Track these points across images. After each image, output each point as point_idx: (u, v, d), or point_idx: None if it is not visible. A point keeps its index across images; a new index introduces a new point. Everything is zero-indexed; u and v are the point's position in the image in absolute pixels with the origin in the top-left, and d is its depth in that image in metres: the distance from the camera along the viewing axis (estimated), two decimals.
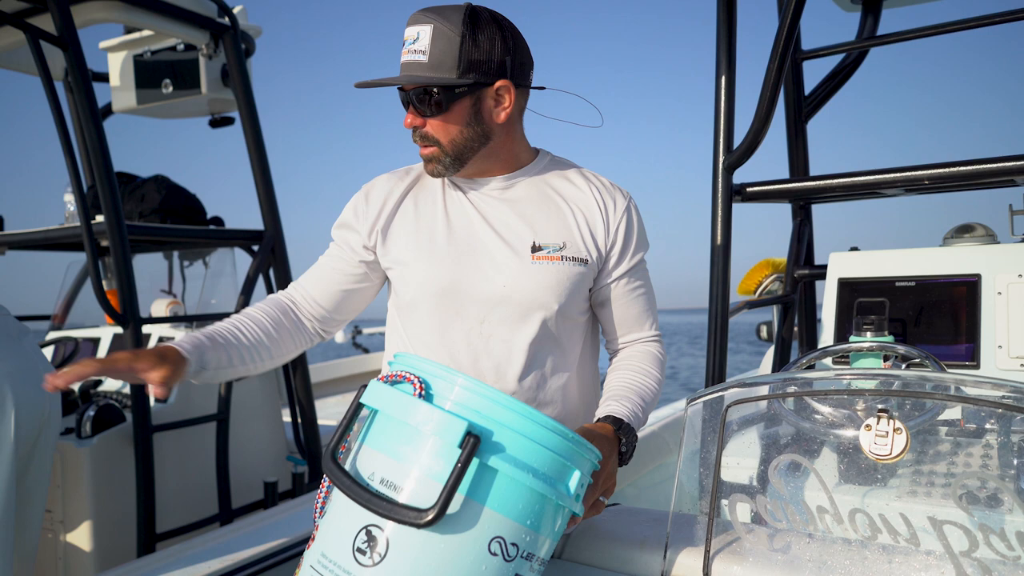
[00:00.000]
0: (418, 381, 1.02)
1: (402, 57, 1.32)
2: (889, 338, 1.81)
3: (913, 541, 1.05)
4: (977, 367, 1.95)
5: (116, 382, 2.97)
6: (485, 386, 1.00)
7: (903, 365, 1.80)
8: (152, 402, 2.79)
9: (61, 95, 3.48)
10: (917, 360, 1.72)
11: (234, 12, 3.18)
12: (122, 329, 2.66)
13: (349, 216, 1.46)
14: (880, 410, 1.09)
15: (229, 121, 3.58)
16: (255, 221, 3.36)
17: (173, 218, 3.28)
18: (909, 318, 2.05)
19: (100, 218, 2.63)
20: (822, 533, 1.11)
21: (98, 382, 3.00)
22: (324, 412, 3.88)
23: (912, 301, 2.06)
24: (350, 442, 1.09)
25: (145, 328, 3.09)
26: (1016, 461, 1.16)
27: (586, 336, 1.46)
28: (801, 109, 2.81)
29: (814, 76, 2.90)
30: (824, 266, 2.41)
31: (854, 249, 2.27)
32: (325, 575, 0.99)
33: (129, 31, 3.40)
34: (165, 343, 1.30)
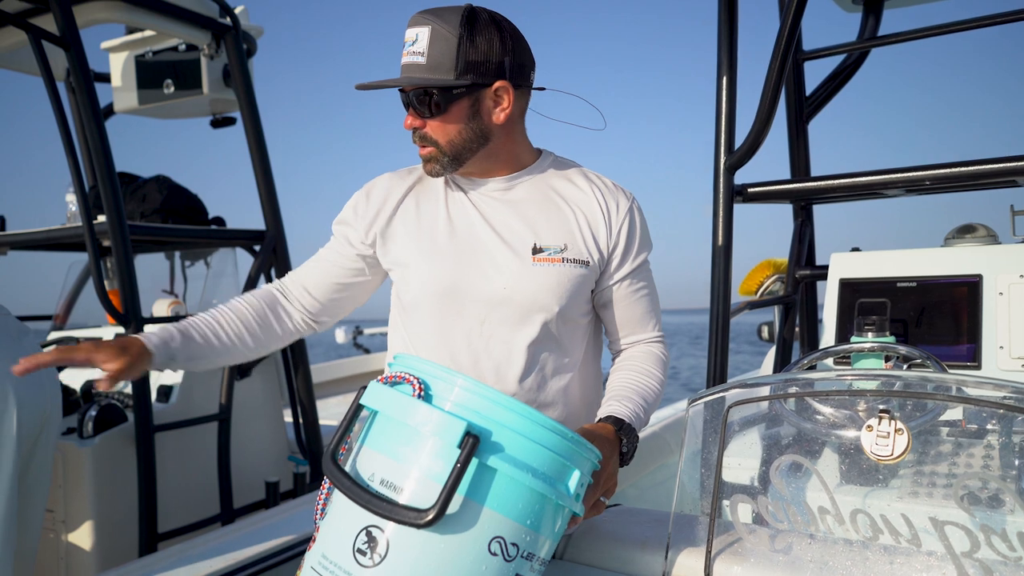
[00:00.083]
0: (417, 382, 1.02)
1: (402, 59, 1.32)
2: (890, 339, 1.81)
3: (915, 542, 1.05)
4: (978, 368, 1.95)
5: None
6: (484, 386, 1.00)
7: (904, 366, 1.80)
8: (154, 401, 2.80)
9: (63, 95, 3.48)
10: (918, 361, 1.72)
11: (236, 12, 3.18)
12: (124, 329, 2.66)
13: (349, 213, 1.47)
14: (881, 411, 1.09)
15: (231, 121, 3.58)
16: (256, 221, 3.37)
17: (175, 218, 3.28)
18: (910, 318, 2.05)
19: (102, 218, 2.63)
20: (823, 534, 1.11)
21: None
22: (325, 412, 3.88)
23: (913, 301, 2.06)
24: (350, 443, 1.09)
25: (147, 328, 3.09)
26: (1017, 462, 1.16)
27: (588, 338, 1.46)
28: (802, 110, 2.81)
29: (815, 77, 2.90)
30: (825, 266, 2.41)
31: (855, 249, 2.27)
32: None
33: (131, 31, 3.40)
34: (133, 334, 1.35)
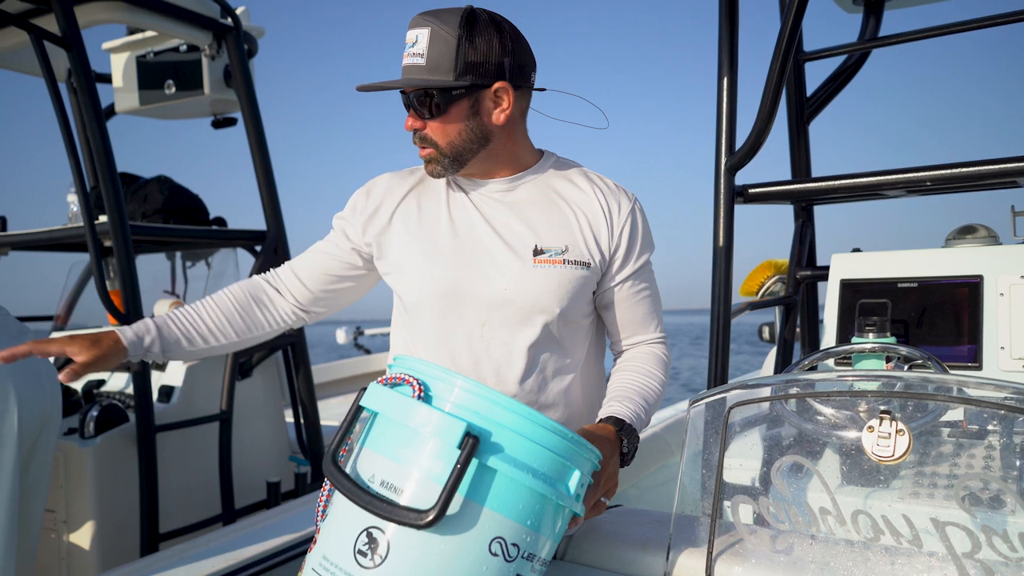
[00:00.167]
0: (417, 383, 1.02)
1: (403, 60, 1.32)
2: (891, 339, 1.81)
3: (916, 542, 1.05)
4: (979, 368, 1.95)
5: (119, 382, 2.97)
6: (484, 387, 1.00)
7: (905, 366, 1.80)
8: (155, 400, 2.80)
9: (64, 96, 3.49)
10: (919, 361, 1.72)
11: (237, 13, 3.18)
12: None
13: (348, 209, 1.48)
14: (882, 411, 1.09)
15: (232, 122, 3.58)
16: (257, 221, 3.37)
17: (176, 218, 3.28)
18: (911, 319, 2.05)
19: (103, 218, 2.64)
20: (825, 534, 1.11)
21: (101, 382, 3.01)
22: (326, 413, 3.89)
23: (914, 302, 2.06)
24: (351, 444, 1.09)
25: None
26: (1019, 462, 1.16)
27: (590, 339, 1.46)
28: (803, 110, 2.80)
29: (816, 77, 2.88)
30: (826, 267, 2.41)
31: (856, 250, 2.27)
32: None
33: (132, 32, 3.40)
34: (107, 328, 1.37)
